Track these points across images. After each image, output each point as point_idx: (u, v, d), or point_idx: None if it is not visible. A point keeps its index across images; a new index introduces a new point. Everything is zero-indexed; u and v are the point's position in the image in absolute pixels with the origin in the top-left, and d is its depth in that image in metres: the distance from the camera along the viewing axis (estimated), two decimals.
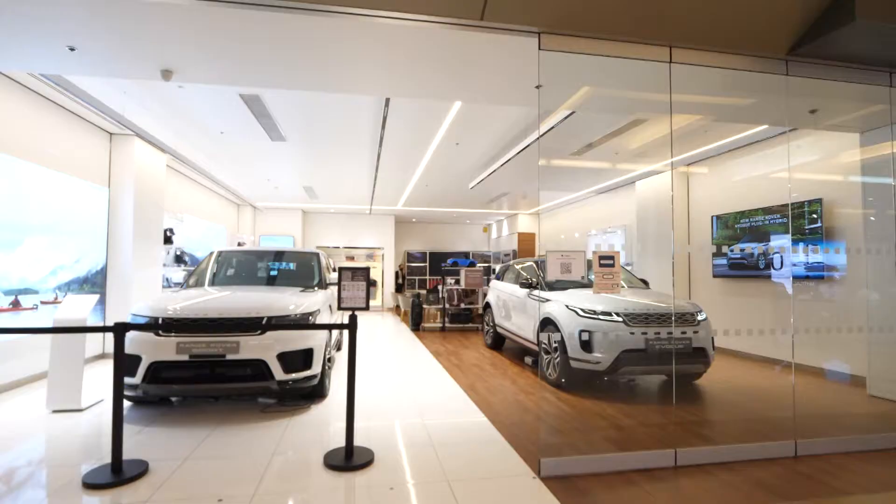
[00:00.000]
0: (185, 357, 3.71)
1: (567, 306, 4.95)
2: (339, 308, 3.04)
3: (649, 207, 8.61)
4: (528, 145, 6.20)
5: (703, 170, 7.56)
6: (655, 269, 8.21)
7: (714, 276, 7.38)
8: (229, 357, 3.77)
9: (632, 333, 4.47)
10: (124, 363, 2.75)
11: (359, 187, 10.71)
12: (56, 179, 5.43)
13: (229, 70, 3.68)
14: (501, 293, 7.26)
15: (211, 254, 5.87)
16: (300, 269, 5.94)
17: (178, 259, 8.51)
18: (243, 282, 5.58)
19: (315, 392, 4.37)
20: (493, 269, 14.21)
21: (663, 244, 8.26)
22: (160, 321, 3.83)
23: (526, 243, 14.50)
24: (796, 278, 6.01)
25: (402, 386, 5.06)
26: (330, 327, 3.21)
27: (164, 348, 3.71)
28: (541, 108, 5.18)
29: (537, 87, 4.09)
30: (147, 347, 3.73)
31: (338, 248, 15.40)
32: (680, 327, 4.56)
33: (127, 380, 3.75)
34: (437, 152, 7.51)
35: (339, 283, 3.02)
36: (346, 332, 4.28)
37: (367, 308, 3.06)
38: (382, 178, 9.64)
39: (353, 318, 2.99)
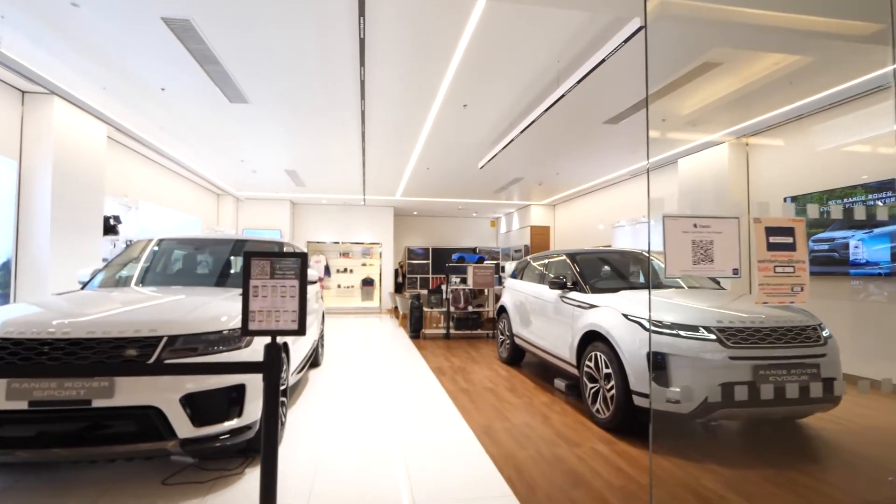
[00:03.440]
0: (23, 405, 2.26)
1: (626, 316, 3.46)
2: (246, 332, 1.57)
3: (696, 190, 7.09)
4: (559, 97, 4.69)
5: (777, 141, 6.01)
6: None
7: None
8: (98, 404, 2.31)
9: (732, 358, 2.97)
10: None
11: (350, 171, 9.24)
12: None
13: None
14: (520, 294, 5.77)
15: (144, 242, 4.41)
16: None
17: None
18: (186, 280, 4.12)
19: (253, 446, 2.90)
20: (503, 267, 12.72)
21: None
22: None
23: (539, 237, 13.00)
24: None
25: (388, 429, 3.58)
26: (225, 370, 1.75)
27: None
28: (592, 23, 3.67)
29: None
30: None
31: (337, 243, 13.92)
32: (801, 348, 3.06)
33: None
34: (440, 118, 6.02)
35: (244, 286, 1.54)
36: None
37: (301, 332, 1.59)
38: (376, 156, 8.15)
39: (273, 351, 1.52)
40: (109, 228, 6.53)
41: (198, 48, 4.19)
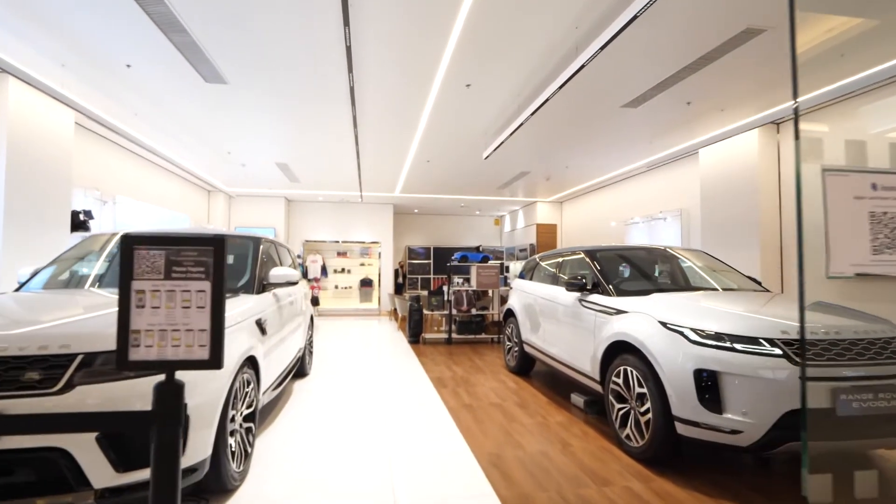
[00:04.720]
0: None
1: (665, 324, 2.86)
2: (123, 365, 1.00)
3: (722, 183, 6.49)
4: (578, 69, 4.08)
5: (813, 126, 5.38)
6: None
7: (828, 277, 5.23)
8: None
9: (804, 379, 2.37)
10: None
11: (345, 165, 8.66)
12: None
13: None
14: (529, 297, 5.18)
15: (104, 237, 3.84)
16: (236, 264, 3.92)
17: None
18: None
19: (207, 486, 2.33)
20: (507, 268, 12.12)
21: (742, 230, 6.13)
22: None
23: (546, 236, 12.39)
24: None
25: (377, 459, 3.00)
26: (67, 426, 1.18)
27: None
28: None
29: None
30: None
31: (336, 241, 13.33)
32: (890, 365, 2.46)
33: None
34: (441, 100, 5.44)
35: (122, 290, 0.96)
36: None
37: (214, 364, 1.00)
38: (372, 147, 7.58)
39: (168, 395, 0.94)
40: (79, 224, 5.97)
41: (158, 11, 3.61)
